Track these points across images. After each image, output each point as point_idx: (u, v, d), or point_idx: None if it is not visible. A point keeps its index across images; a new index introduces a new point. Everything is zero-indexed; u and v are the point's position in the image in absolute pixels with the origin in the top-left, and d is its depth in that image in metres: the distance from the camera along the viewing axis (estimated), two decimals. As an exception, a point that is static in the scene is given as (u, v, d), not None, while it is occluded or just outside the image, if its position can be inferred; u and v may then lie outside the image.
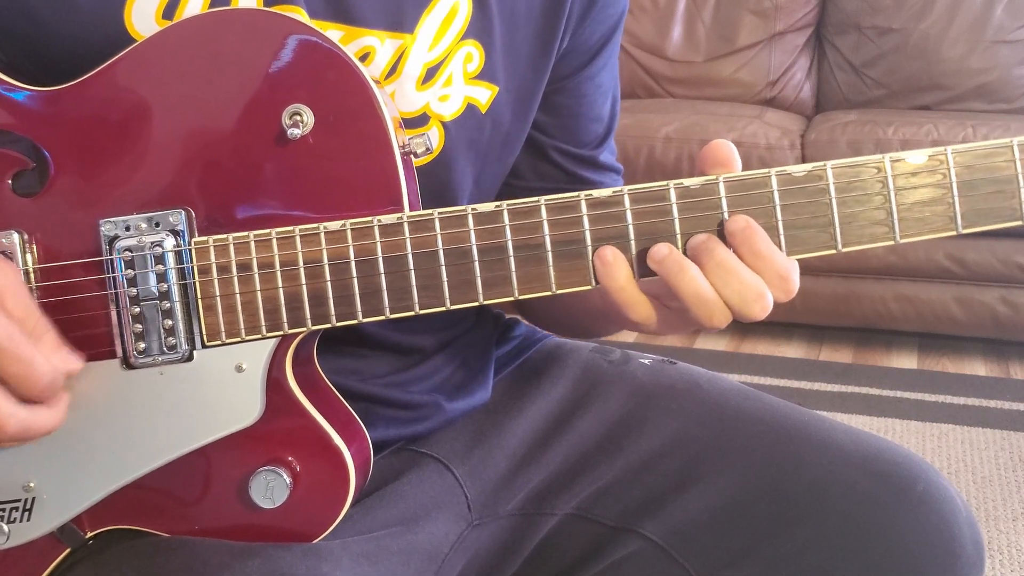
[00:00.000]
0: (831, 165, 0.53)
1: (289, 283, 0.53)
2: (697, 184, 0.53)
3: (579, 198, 0.53)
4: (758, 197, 0.53)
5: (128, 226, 0.54)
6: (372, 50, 0.60)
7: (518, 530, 0.68)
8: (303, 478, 0.55)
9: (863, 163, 0.53)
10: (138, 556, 0.56)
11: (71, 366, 0.51)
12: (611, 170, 0.76)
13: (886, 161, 0.52)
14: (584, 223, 0.53)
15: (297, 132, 0.53)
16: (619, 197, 0.53)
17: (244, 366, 0.54)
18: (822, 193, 0.53)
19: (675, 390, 0.71)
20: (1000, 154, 0.52)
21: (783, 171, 0.53)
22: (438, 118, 0.63)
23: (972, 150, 0.52)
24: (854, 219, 0.53)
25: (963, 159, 0.52)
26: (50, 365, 0.50)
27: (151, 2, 0.56)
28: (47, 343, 0.50)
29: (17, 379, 0.49)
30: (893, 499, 0.62)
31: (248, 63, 0.53)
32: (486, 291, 0.53)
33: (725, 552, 0.65)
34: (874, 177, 0.52)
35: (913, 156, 0.53)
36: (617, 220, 0.53)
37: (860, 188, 0.52)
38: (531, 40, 0.66)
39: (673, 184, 0.53)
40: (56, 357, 0.50)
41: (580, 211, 0.53)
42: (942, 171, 0.52)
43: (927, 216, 0.53)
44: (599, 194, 0.53)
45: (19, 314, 0.49)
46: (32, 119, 0.54)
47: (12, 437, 0.50)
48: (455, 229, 0.53)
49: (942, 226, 0.53)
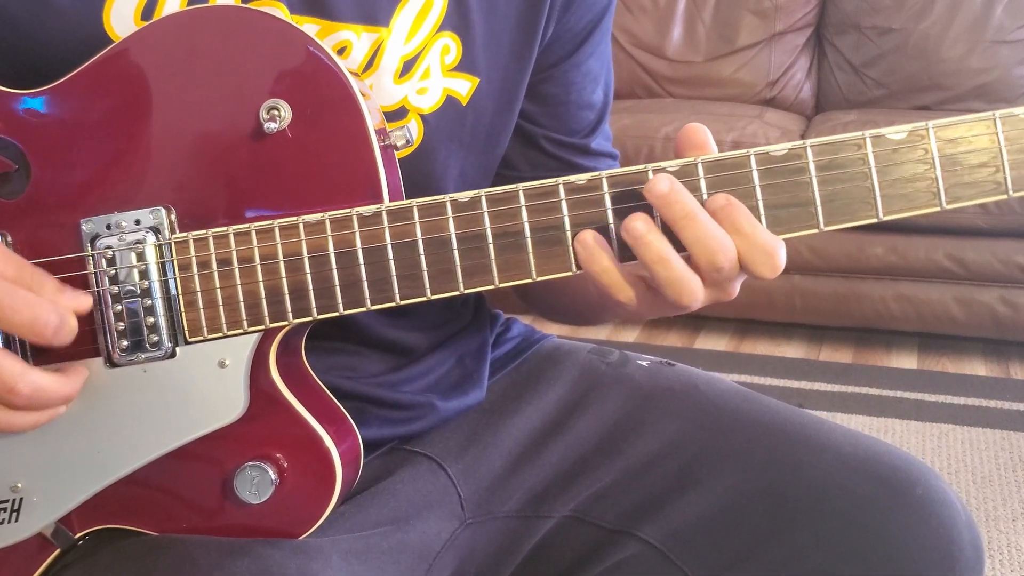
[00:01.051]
0: (810, 144, 0.52)
1: (269, 277, 0.53)
2: (675, 166, 0.52)
3: (557, 184, 0.53)
4: (737, 178, 0.52)
5: (109, 225, 0.54)
6: (349, 44, 0.60)
7: (515, 532, 0.68)
8: (289, 474, 0.55)
9: (843, 141, 0.52)
10: (129, 557, 0.56)
11: (79, 303, 0.52)
12: (605, 156, 0.75)
13: (866, 138, 0.52)
14: (563, 208, 0.53)
15: (274, 126, 0.53)
16: (597, 182, 0.52)
17: (227, 362, 0.54)
18: (802, 172, 0.52)
19: (673, 392, 0.70)
20: (982, 127, 0.52)
21: (762, 151, 0.52)
22: (416, 111, 0.63)
23: (954, 124, 0.52)
24: (836, 197, 0.52)
25: (945, 133, 0.52)
26: (55, 306, 0.50)
27: (129, 3, 0.56)
28: (49, 288, 0.51)
29: (26, 328, 0.49)
30: (892, 502, 0.61)
31: (225, 60, 0.53)
32: (466, 280, 0.53)
33: (723, 555, 0.65)
34: (855, 154, 0.52)
35: (894, 132, 0.52)
36: (596, 205, 0.52)
37: (840, 166, 0.52)
38: (513, 30, 0.65)
39: (651, 167, 0.52)
40: (61, 298, 0.51)
41: (558, 196, 0.53)
42: (923, 146, 0.52)
43: (910, 192, 0.52)
44: (577, 179, 0.53)
45: (12, 271, 0.50)
46: (13, 121, 0.55)
47: (28, 401, 0.50)
48: (434, 218, 0.53)
49: (926, 202, 0.52)
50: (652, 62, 2.64)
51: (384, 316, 0.66)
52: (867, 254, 2.17)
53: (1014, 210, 2.06)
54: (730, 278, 0.52)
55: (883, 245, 2.16)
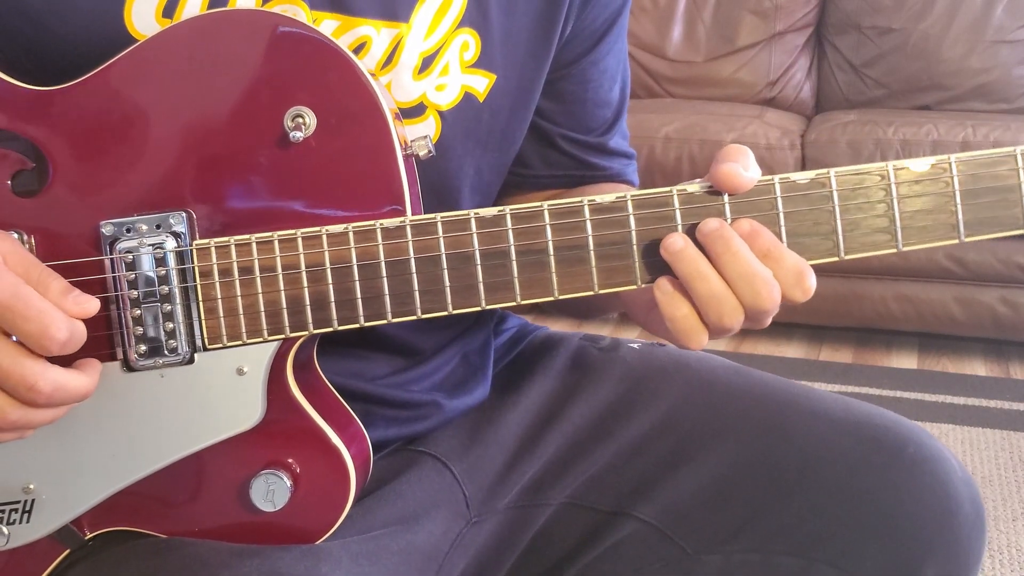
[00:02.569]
0: (835, 172, 0.52)
1: (291, 286, 0.53)
2: (700, 190, 0.53)
3: (582, 203, 0.53)
4: (761, 204, 0.53)
5: (129, 228, 0.53)
6: (368, 40, 0.59)
7: (514, 523, 0.68)
8: (304, 481, 0.55)
9: (867, 171, 0.53)
10: (137, 556, 0.56)
11: (86, 307, 0.50)
12: (621, 155, 0.75)
13: (889, 169, 0.52)
14: (587, 228, 0.53)
15: (299, 135, 0.52)
16: (622, 203, 0.53)
17: (245, 369, 0.54)
18: (825, 200, 0.52)
19: (664, 371, 0.71)
20: (1004, 162, 0.52)
21: (786, 178, 0.53)
22: (435, 107, 0.62)
23: (975, 158, 0.52)
24: (856, 227, 0.53)
25: (966, 167, 0.52)
26: (65, 317, 0.48)
27: (150, 1, 0.55)
28: (55, 290, 0.49)
29: (34, 338, 0.48)
30: (885, 463, 0.62)
31: (249, 64, 0.53)
32: (488, 296, 0.53)
33: (720, 528, 0.65)
34: (877, 185, 0.52)
35: (917, 164, 0.53)
36: (620, 226, 0.53)
37: (863, 196, 0.52)
38: (531, 27, 0.65)
39: (676, 190, 0.53)
40: (67, 301, 0.49)
41: (583, 216, 0.53)
42: (945, 179, 0.52)
43: (929, 224, 0.53)
44: (602, 199, 0.53)
45: (21, 269, 0.49)
46: (32, 119, 0.54)
47: (48, 399, 0.48)
48: (458, 233, 0.53)
49: (944, 234, 0.53)
50: (652, 62, 2.63)
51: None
52: (866, 254, 2.18)
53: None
54: (771, 312, 0.52)
55: (881, 246, 2.17)
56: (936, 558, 0.61)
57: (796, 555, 0.64)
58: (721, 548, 0.65)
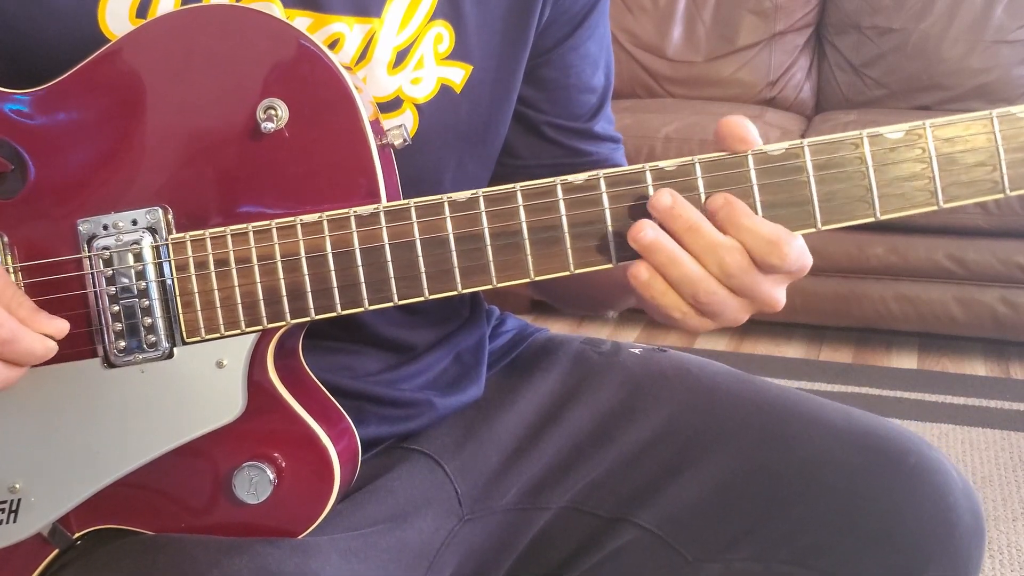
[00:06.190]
0: (808, 143, 0.52)
1: (267, 277, 0.53)
2: (673, 166, 0.52)
3: (555, 183, 0.53)
4: (735, 177, 0.52)
5: (106, 225, 0.54)
6: (341, 36, 0.60)
7: (513, 525, 0.68)
8: (287, 473, 0.55)
9: (840, 140, 0.52)
10: (127, 555, 0.56)
11: (54, 329, 0.53)
12: (608, 140, 0.75)
13: (864, 137, 0.52)
14: (561, 208, 0.52)
15: (271, 126, 0.53)
16: (595, 181, 0.52)
17: (225, 362, 0.54)
18: (800, 171, 0.52)
19: (665, 378, 0.71)
20: (979, 126, 0.52)
21: (760, 151, 0.52)
22: (411, 101, 0.62)
23: (951, 123, 0.52)
24: (833, 197, 0.52)
25: (942, 133, 0.52)
26: (37, 336, 0.52)
27: (124, 2, 0.56)
28: (24, 311, 0.52)
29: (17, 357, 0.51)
30: (886, 473, 0.62)
31: (222, 59, 0.53)
32: (464, 280, 0.53)
33: (721, 536, 0.65)
34: (852, 154, 0.52)
35: (891, 131, 0.52)
36: (594, 204, 0.52)
37: (838, 165, 0.52)
38: (506, 15, 0.65)
39: (649, 167, 0.52)
40: (36, 324, 0.52)
41: (556, 196, 0.53)
42: (921, 145, 0.52)
43: (907, 191, 0.52)
44: (574, 179, 0.53)
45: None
46: (9, 121, 0.55)
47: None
48: (432, 218, 0.53)
49: (923, 201, 0.52)
50: (652, 62, 2.63)
51: (384, 315, 0.65)
52: (867, 254, 2.17)
53: (1015, 210, 2.06)
54: (749, 282, 0.52)
55: (883, 245, 2.16)
56: (935, 569, 0.60)
57: (796, 564, 0.63)
58: (721, 556, 0.65)
